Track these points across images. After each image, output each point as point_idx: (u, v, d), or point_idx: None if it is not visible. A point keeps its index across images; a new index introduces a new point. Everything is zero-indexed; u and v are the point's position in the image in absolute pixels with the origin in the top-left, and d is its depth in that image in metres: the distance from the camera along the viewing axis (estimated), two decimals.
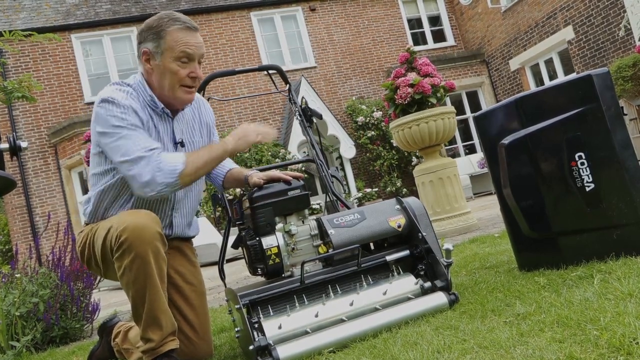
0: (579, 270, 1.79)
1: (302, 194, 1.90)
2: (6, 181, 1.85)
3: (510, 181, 1.99)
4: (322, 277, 1.80)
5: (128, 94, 1.75)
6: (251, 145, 1.84)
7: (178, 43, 1.72)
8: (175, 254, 1.95)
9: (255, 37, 12.48)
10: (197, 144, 1.93)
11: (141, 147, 1.64)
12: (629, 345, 1.09)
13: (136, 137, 1.66)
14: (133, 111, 1.70)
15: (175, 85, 1.75)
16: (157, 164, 1.62)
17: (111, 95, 1.70)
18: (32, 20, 11.53)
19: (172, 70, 1.73)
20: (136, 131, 1.68)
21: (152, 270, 1.57)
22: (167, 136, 1.83)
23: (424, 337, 1.44)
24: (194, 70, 1.76)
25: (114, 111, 1.68)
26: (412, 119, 4.43)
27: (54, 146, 10.93)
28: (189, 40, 1.73)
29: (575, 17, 10.54)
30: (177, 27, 1.73)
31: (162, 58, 1.73)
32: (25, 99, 4.31)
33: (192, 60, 1.75)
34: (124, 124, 1.67)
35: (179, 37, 1.72)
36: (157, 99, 1.78)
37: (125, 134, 1.66)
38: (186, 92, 1.78)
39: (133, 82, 1.81)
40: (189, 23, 1.75)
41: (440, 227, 4.41)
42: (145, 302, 1.58)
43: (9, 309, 2.97)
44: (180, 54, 1.72)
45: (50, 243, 10.03)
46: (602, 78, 1.84)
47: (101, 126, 1.69)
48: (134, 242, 1.54)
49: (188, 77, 1.75)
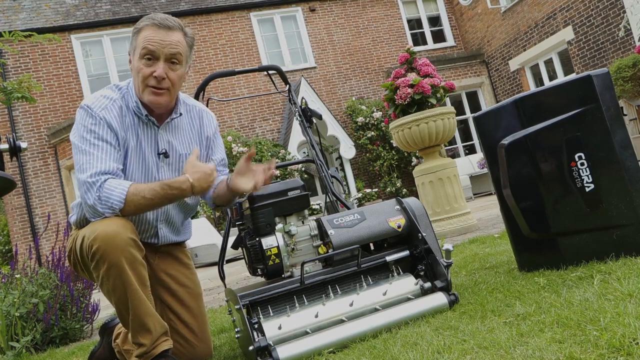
0: (578, 271, 1.79)
1: (302, 195, 1.90)
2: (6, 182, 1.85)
3: (510, 181, 1.99)
4: (322, 278, 1.80)
5: (110, 101, 1.70)
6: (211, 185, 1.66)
7: (144, 40, 1.65)
8: (166, 258, 1.93)
9: (255, 38, 12.49)
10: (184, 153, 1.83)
11: (93, 169, 1.59)
12: (628, 346, 1.09)
13: (95, 155, 1.61)
14: (106, 124, 1.65)
15: (142, 85, 1.68)
16: (98, 193, 1.57)
17: (89, 103, 1.67)
18: (32, 21, 11.53)
19: (137, 69, 1.67)
20: (98, 148, 1.62)
21: (129, 277, 1.53)
22: (149, 146, 1.76)
23: (424, 338, 1.44)
24: (158, 69, 1.65)
25: (85, 120, 1.65)
26: (412, 120, 4.43)
27: (54, 147, 10.93)
28: (153, 37, 1.65)
29: (575, 17, 10.54)
30: (147, 24, 1.67)
31: (133, 57, 1.70)
32: (25, 100, 4.31)
33: (157, 58, 1.66)
34: (90, 136, 1.63)
35: (145, 34, 1.66)
36: (141, 106, 1.72)
37: (86, 149, 1.62)
38: (153, 92, 1.68)
39: (125, 86, 1.77)
40: (160, 21, 1.67)
41: (440, 227, 4.41)
42: (129, 308, 1.56)
43: (9, 310, 2.96)
44: (142, 51, 1.65)
45: (50, 243, 10.03)
46: (602, 78, 1.84)
47: (72, 132, 1.68)
48: (106, 251, 1.51)
49: (152, 77, 1.66)
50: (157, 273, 1.87)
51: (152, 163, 1.77)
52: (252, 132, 11.95)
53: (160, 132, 1.78)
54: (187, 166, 1.66)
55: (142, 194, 1.59)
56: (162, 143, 1.79)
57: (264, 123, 12.08)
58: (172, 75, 1.69)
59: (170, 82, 1.69)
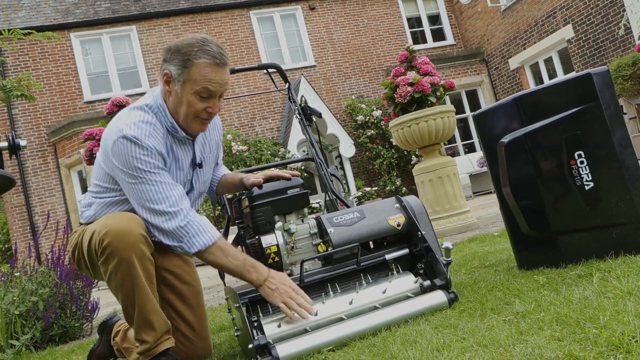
0: (578, 269, 1.79)
1: (302, 193, 1.90)
2: (5, 180, 1.85)
3: (510, 180, 1.99)
4: (321, 276, 1.80)
5: (151, 126, 1.66)
6: (270, 301, 1.66)
7: (202, 78, 1.62)
8: (169, 255, 1.93)
9: (255, 36, 12.48)
10: (207, 160, 1.91)
11: (170, 200, 1.61)
12: (628, 344, 1.09)
13: (160, 184, 1.62)
14: (157, 152, 1.64)
15: (190, 116, 1.68)
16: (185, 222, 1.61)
17: (133, 133, 1.60)
18: (32, 19, 11.51)
19: (189, 102, 1.65)
20: (160, 175, 1.62)
21: (137, 273, 1.55)
22: (186, 160, 1.79)
23: (423, 336, 1.44)
24: (212, 106, 1.68)
25: (136, 152, 1.60)
26: (411, 118, 4.43)
27: (53, 145, 10.92)
28: (213, 78, 1.63)
29: (574, 16, 10.53)
30: (205, 60, 1.62)
31: (183, 87, 1.65)
32: (25, 98, 4.31)
33: (213, 96, 1.67)
34: (147, 167, 1.61)
35: (204, 72, 1.62)
36: (177, 126, 1.72)
37: (148, 179, 1.61)
38: (200, 123, 1.72)
39: (154, 104, 1.72)
40: (219, 58, 1.64)
41: (440, 225, 4.41)
42: (135, 304, 1.57)
43: (9, 308, 2.97)
44: (201, 90, 1.64)
45: (50, 242, 10.03)
46: (602, 77, 1.84)
47: (120, 163, 1.62)
48: (117, 246, 1.52)
49: (205, 112, 1.68)
50: (160, 270, 1.87)
51: (188, 175, 1.82)
52: (252, 130, 11.95)
53: (195, 145, 1.83)
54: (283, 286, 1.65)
55: (226, 249, 1.65)
56: (197, 154, 1.84)
57: (264, 121, 12.08)
58: (218, 109, 1.73)
59: (214, 114, 1.74)
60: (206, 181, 1.94)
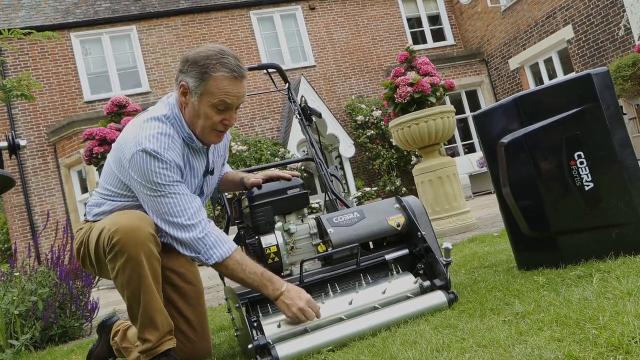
0: (578, 270, 1.79)
1: (301, 193, 1.90)
2: (5, 179, 1.85)
3: (510, 180, 1.99)
4: (321, 276, 1.80)
5: (170, 138, 1.65)
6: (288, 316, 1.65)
7: (220, 91, 1.62)
8: (173, 254, 1.94)
9: (255, 36, 12.47)
10: (217, 164, 1.94)
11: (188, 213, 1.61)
12: (627, 344, 1.09)
13: (179, 196, 1.62)
14: (175, 165, 1.64)
15: (207, 128, 1.69)
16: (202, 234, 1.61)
17: (153, 147, 1.60)
18: (31, 19, 11.51)
19: (206, 115, 1.66)
20: (179, 188, 1.63)
21: (145, 272, 1.56)
22: (201, 169, 1.82)
23: (423, 336, 1.44)
24: (229, 118, 1.69)
25: (155, 166, 1.60)
26: (411, 118, 4.43)
27: (53, 145, 10.92)
28: (231, 91, 1.63)
29: (574, 16, 10.54)
30: (222, 74, 1.61)
31: (200, 99, 1.64)
32: (25, 98, 4.31)
33: (230, 109, 1.67)
34: (167, 181, 1.61)
35: (222, 85, 1.62)
36: (194, 137, 1.73)
37: (167, 193, 1.61)
38: (217, 135, 1.73)
39: (170, 114, 1.71)
40: (236, 71, 1.63)
41: (440, 226, 4.41)
42: (140, 303, 1.58)
43: (8, 308, 2.96)
44: (218, 102, 1.64)
45: (49, 242, 10.03)
46: (602, 77, 1.84)
47: (139, 176, 1.62)
48: (126, 243, 1.53)
49: (221, 124, 1.69)
50: (163, 269, 1.88)
51: (200, 182, 1.84)
52: (252, 130, 11.95)
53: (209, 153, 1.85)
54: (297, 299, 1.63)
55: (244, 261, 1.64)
56: (211, 162, 1.86)
57: (264, 121, 12.08)
58: (234, 121, 1.73)
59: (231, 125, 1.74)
60: (214, 184, 1.98)
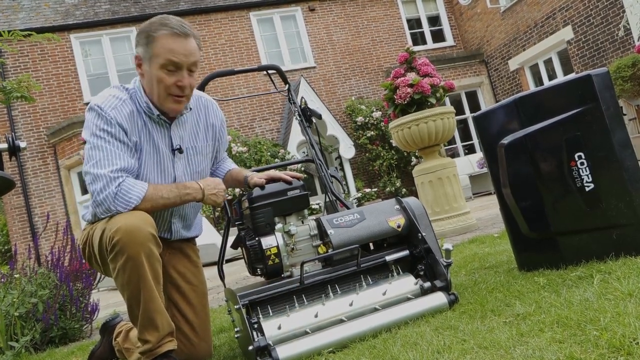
0: (578, 271, 1.79)
1: (302, 194, 1.90)
2: (5, 181, 1.85)
3: (510, 181, 1.99)
4: (321, 278, 1.80)
5: (120, 100, 1.71)
6: (219, 204, 1.83)
7: (164, 50, 1.65)
8: (177, 254, 1.95)
9: (255, 37, 12.48)
10: (200, 149, 1.90)
11: (114, 166, 1.63)
12: (629, 346, 1.09)
13: (110, 151, 1.64)
14: (116, 123, 1.67)
15: (163, 93, 1.70)
16: (117, 189, 1.61)
17: (99, 103, 1.69)
18: (31, 20, 11.52)
19: (158, 78, 1.68)
20: (112, 144, 1.65)
21: (145, 272, 1.56)
22: (163, 143, 1.79)
23: (424, 338, 1.44)
24: (182, 79, 1.69)
25: (97, 120, 1.67)
26: (411, 119, 4.43)
27: (53, 146, 10.92)
28: (176, 48, 1.66)
29: (574, 17, 10.54)
30: (164, 32, 1.66)
31: (150, 64, 1.69)
32: (24, 99, 4.31)
33: (180, 68, 1.68)
34: (103, 134, 1.65)
35: (166, 44, 1.65)
36: (152, 106, 1.74)
37: (100, 145, 1.64)
38: (175, 101, 1.72)
39: (132, 87, 1.77)
40: (178, 29, 1.67)
41: (440, 227, 4.41)
42: (140, 303, 1.57)
43: (8, 310, 2.96)
44: (165, 62, 1.66)
45: (49, 243, 10.02)
46: (602, 78, 1.84)
47: (85, 132, 1.71)
48: (127, 244, 1.53)
49: (175, 86, 1.69)
50: (166, 269, 1.88)
51: (167, 160, 1.80)
52: (252, 131, 11.95)
53: (172, 129, 1.81)
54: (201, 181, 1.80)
55: (161, 194, 1.69)
56: (175, 139, 1.82)
57: (264, 123, 12.08)
58: (192, 82, 1.73)
59: (190, 88, 1.74)
60: (201, 172, 1.92)
